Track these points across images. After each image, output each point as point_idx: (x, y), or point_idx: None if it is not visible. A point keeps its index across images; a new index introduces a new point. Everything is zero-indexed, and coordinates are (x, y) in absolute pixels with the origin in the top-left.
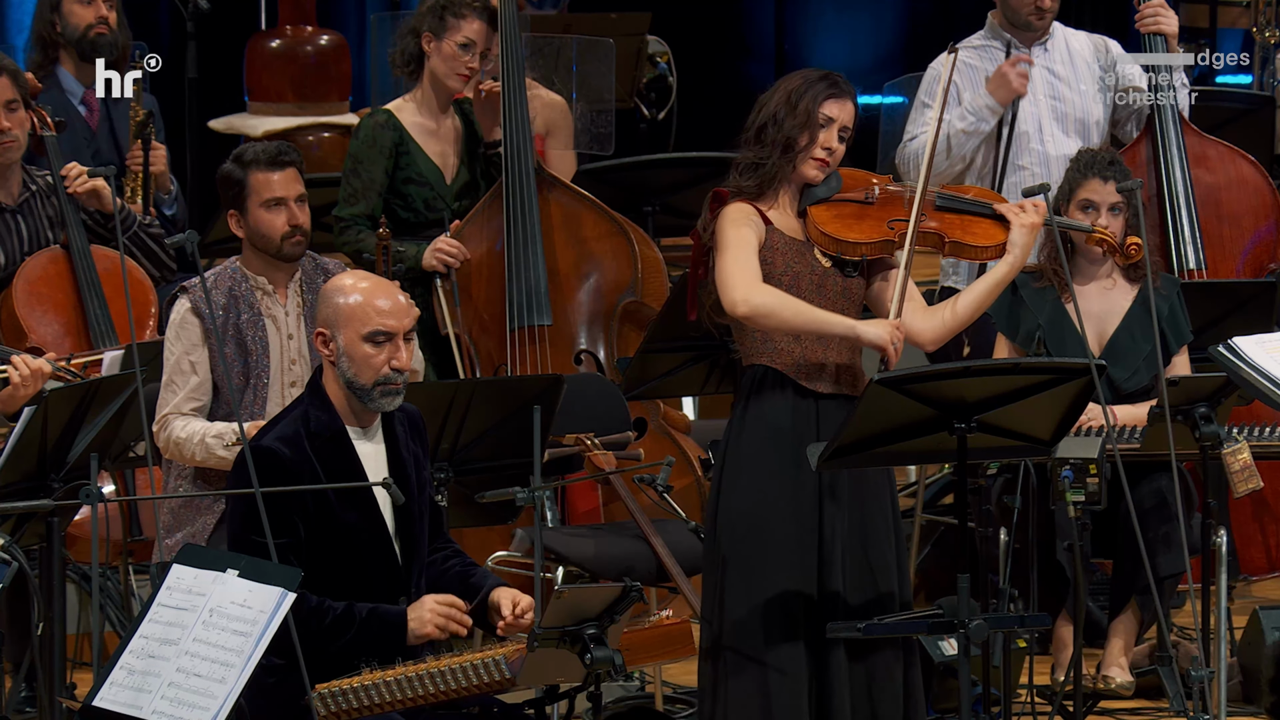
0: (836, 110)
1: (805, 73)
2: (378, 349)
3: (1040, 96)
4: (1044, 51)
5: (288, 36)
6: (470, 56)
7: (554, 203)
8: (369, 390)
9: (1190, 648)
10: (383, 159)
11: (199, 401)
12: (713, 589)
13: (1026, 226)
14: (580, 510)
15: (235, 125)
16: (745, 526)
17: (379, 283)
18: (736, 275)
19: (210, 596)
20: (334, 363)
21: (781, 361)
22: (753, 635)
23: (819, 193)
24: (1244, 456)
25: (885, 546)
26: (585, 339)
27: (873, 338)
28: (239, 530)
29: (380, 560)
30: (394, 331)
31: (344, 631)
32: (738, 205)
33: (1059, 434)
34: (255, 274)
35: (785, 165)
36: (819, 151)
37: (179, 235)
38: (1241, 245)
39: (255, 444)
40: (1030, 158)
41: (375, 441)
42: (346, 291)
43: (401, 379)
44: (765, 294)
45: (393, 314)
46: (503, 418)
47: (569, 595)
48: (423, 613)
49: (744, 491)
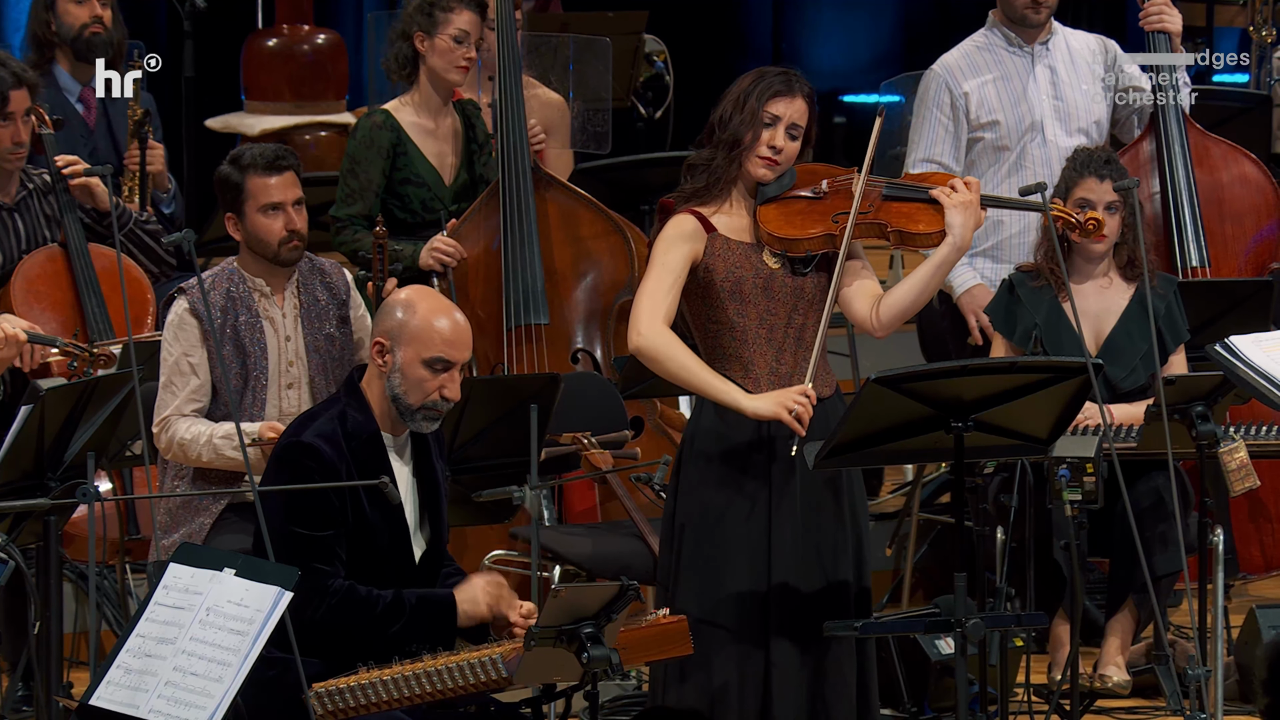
0: (783, 108)
1: (761, 70)
2: (434, 375)
3: (1043, 96)
4: (1045, 51)
5: (285, 35)
6: (465, 47)
7: (551, 201)
8: (414, 411)
9: (1187, 647)
10: (380, 160)
11: (199, 403)
12: (666, 585)
13: (957, 206)
14: (577, 509)
15: (232, 124)
16: (695, 527)
17: (449, 309)
18: (644, 307)
19: (207, 595)
20: (385, 374)
21: (728, 362)
22: (703, 631)
23: (769, 191)
24: (1241, 455)
25: (838, 533)
26: (582, 338)
27: (761, 411)
28: (282, 522)
29: (399, 564)
30: (454, 361)
31: (395, 619)
32: (678, 220)
33: (1056, 433)
34: (253, 276)
35: (731, 165)
36: (764, 150)
37: (176, 234)
38: (1244, 244)
39: (297, 439)
40: (1032, 157)
41: (404, 451)
42: (417, 310)
43: (446, 407)
44: (658, 337)
45: (457, 345)
46: (500, 416)
47: (566, 594)
48: (475, 593)
49: (696, 493)
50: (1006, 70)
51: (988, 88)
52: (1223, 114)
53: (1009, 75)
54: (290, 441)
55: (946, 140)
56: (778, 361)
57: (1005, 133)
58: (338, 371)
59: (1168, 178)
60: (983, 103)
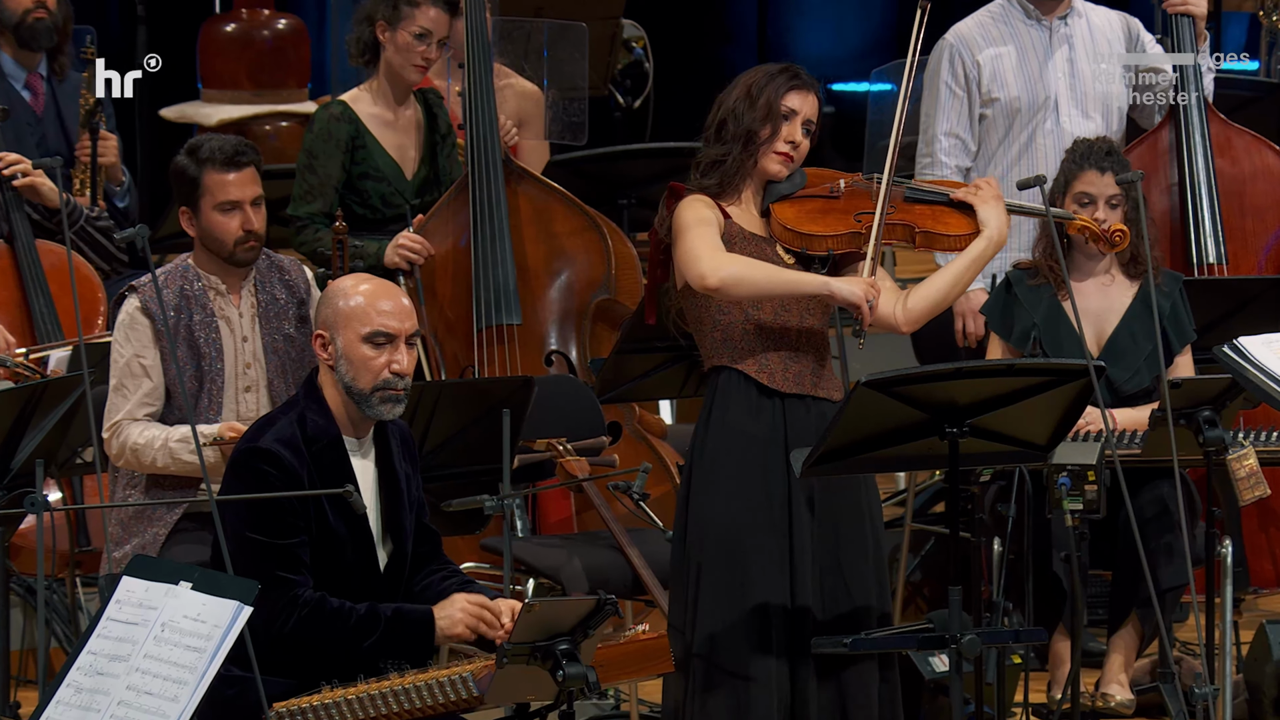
0: (799, 102)
1: (765, 66)
2: (377, 351)
3: (1059, 74)
4: (1064, 26)
5: (244, 20)
6: (427, 46)
7: (523, 196)
8: (368, 396)
9: (1194, 664)
10: (338, 153)
11: (152, 406)
12: (684, 599)
13: (990, 201)
14: (552, 519)
15: (188, 114)
16: (715, 537)
17: (381, 284)
18: (700, 249)
19: (162, 610)
20: (332, 366)
21: (742, 361)
22: (727, 648)
23: (782, 189)
24: (1250, 462)
25: (859, 556)
26: (556, 339)
27: (846, 294)
28: (243, 530)
29: (363, 573)
30: (395, 333)
31: (369, 633)
32: (696, 199)
33: (1055, 439)
34: (208, 273)
35: (747, 160)
36: (781, 145)
37: (129, 230)
38: (1264, 240)
39: (255, 444)
40: (1044, 141)
41: (367, 454)
42: (347, 292)
43: (403, 385)
44: (732, 262)
45: (394, 315)
46: (470, 422)
47: (540, 609)
48: (453, 611)
49: (713, 501)
50: (1022, 43)
51: (1002, 60)
52: (1232, 103)
53: (1024, 49)
54: (248, 447)
55: (962, 113)
56: (793, 359)
57: (1016, 110)
58: (297, 373)
59: (1186, 168)
60: (995, 76)
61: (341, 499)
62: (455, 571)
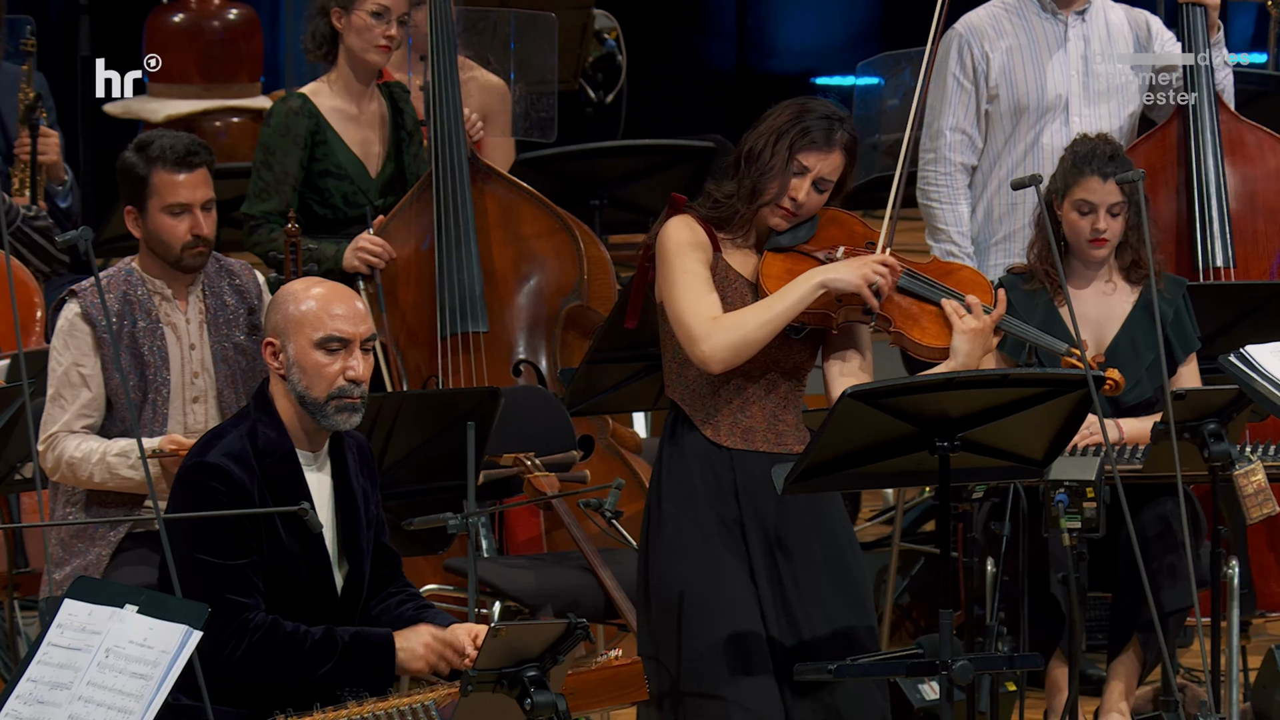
0: (815, 161)
1: (805, 104)
2: (331, 357)
3: (1071, 71)
4: (1080, 21)
5: (192, 10)
6: (385, 24)
7: (490, 196)
8: (322, 405)
9: (1199, 691)
10: (297, 149)
11: (91, 418)
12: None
13: (966, 333)
14: (520, 538)
15: (134, 109)
16: (673, 590)
17: (334, 286)
18: (691, 317)
19: (106, 635)
20: (284, 376)
21: (690, 404)
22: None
23: (782, 240)
24: (1258, 478)
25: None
26: (525, 348)
27: (842, 285)
28: (191, 551)
29: (319, 596)
30: (349, 338)
31: (325, 658)
32: (688, 224)
33: (1052, 453)
34: (153, 277)
35: (749, 210)
36: (786, 201)
37: (71, 232)
38: (1277, 243)
39: (202, 460)
40: (1054, 139)
41: (323, 469)
42: (298, 297)
43: (359, 392)
44: (722, 332)
45: (348, 318)
46: (433, 435)
47: (507, 633)
48: (416, 646)
49: (667, 551)
50: (1035, 37)
51: (1012, 54)
52: (1239, 98)
53: (1037, 43)
54: (195, 462)
55: (970, 108)
56: (743, 413)
57: (1024, 108)
58: (248, 384)
59: (1195, 167)
60: (1004, 70)
61: (295, 517)
62: (415, 595)
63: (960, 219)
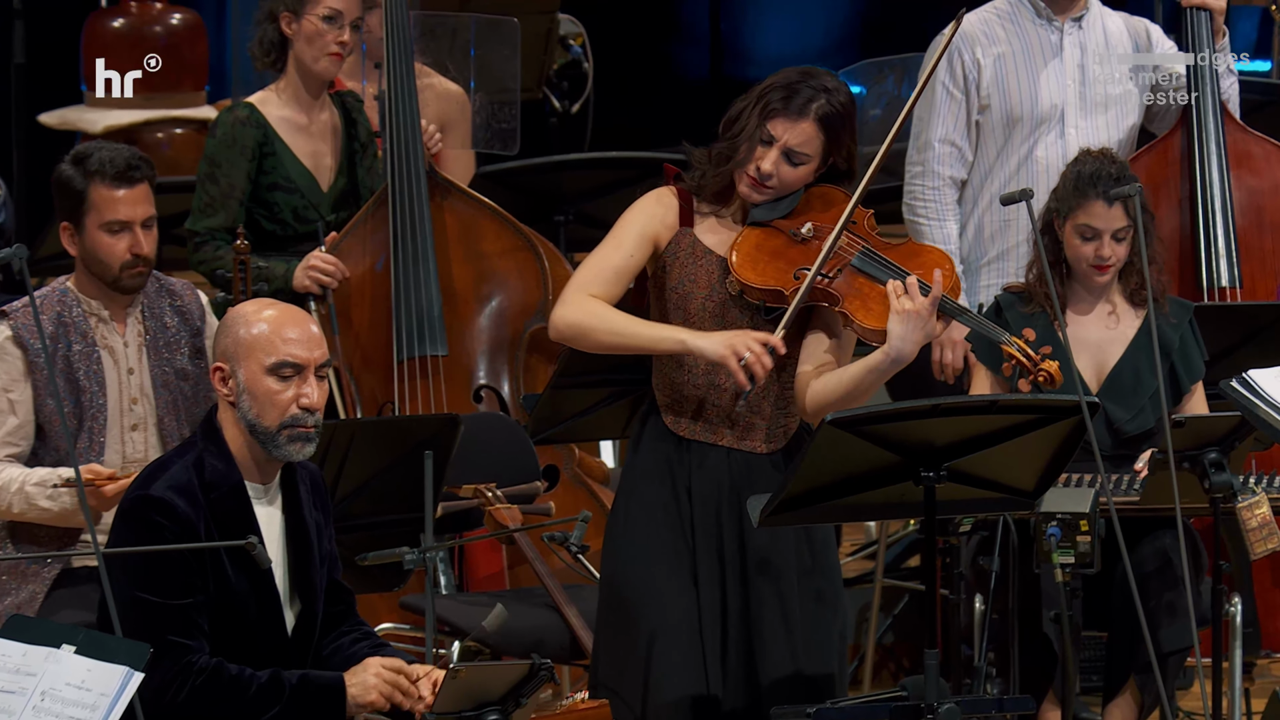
0: (782, 130)
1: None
2: (284, 384)
3: (1068, 81)
4: (1077, 29)
5: (133, 15)
6: (338, 30)
7: (449, 211)
8: (274, 435)
9: None
10: (244, 161)
11: (17, 447)
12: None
13: (900, 314)
14: (480, 574)
15: (70, 120)
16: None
17: (286, 309)
18: (578, 282)
19: (42, 677)
20: (234, 403)
21: (660, 387)
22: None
23: (759, 213)
24: (1262, 511)
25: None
26: (486, 372)
27: (706, 352)
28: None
29: (269, 636)
30: (303, 363)
31: (272, 703)
32: (659, 194)
33: (1044, 484)
34: (89, 297)
35: (715, 175)
36: (752, 170)
37: (5, 250)
38: None
39: (145, 492)
40: (1049, 152)
41: (274, 502)
42: (249, 320)
43: (313, 421)
44: (586, 314)
45: (302, 343)
46: (388, 465)
47: (466, 674)
48: (366, 678)
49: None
50: (1029, 44)
51: (1005, 61)
52: (1242, 107)
53: (1031, 50)
54: (138, 495)
55: (960, 118)
56: (711, 403)
57: (1017, 119)
58: (191, 411)
59: (1199, 180)
60: (996, 78)
61: (243, 552)
62: (369, 634)
63: (949, 237)
